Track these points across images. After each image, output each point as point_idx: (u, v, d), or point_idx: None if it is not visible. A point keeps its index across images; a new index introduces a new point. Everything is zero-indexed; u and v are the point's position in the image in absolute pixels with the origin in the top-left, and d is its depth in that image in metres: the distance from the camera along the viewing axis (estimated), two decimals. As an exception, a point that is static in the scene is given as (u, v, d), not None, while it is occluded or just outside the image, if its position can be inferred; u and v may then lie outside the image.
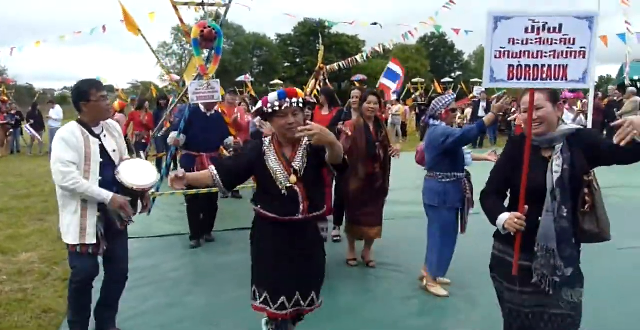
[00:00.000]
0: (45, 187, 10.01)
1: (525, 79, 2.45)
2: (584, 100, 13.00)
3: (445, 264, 4.53)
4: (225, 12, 6.68)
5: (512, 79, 2.46)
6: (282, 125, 2.89)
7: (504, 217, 2.55)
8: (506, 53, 2.44)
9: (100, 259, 3.54)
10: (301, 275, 2.98)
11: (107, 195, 3.35)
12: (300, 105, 2.89)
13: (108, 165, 3.46)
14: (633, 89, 15.68)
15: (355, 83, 21.69)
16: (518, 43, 2.42)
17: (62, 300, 4.34)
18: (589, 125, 11.13)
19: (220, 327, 3.96)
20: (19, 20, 73.26)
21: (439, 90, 23.59)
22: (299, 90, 2.94)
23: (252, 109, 10.15)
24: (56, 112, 17.20)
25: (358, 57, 17.03)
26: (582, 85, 2.49)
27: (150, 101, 12.64)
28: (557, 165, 2.56)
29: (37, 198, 8.98)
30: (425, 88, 26.58)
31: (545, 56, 2.42)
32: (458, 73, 58.61)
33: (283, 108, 2.85)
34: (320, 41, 12.40)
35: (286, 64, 55.91)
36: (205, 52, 6.21)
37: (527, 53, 2.43)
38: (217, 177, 2.97)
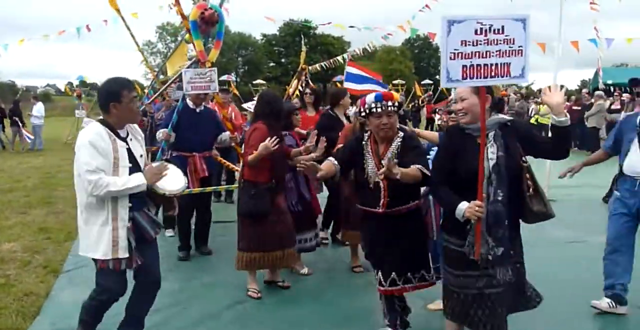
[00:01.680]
0: (27, 182, 10.17)
1: (477, 77, 2.66)
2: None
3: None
4: None
5: (466, 78, 2.65)
6: (377, 124, 3.27)
7: (463, 206, 2.74)
8: (459, 54, 2.62)
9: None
10: (394, 258, 3.35)
11: (139, 180, 3.11)
12: (395, 108, 3.24)
13: (136, 172, 3.19)
14: (600, 92, 16.19)
15: (337, 84, 21.98)
16: (469, 44, 2.62)
17: (43, 285, 4.58)
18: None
19: (189, 309, 4.20)
20: (3, 17, 72.50)
21: (419, 92, 24.01)
22: (395, 94, 3.37)
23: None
24: (38, 109, 17.22)
25: (339, 58, 17.36)
26: (521, 80, 2.81)
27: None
28: (491, 153, 2.77)
29: (19, 192, 9.13)
30: (406, 89, 26.96)
31: (492, 55, 2.66)
32: (442, 75, 59.18)
33: (379, 110, 3.23)
34: (303, 42, 12.63)
35: (271, 64, 56.15)
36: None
37: (477, 53, 2.64)
38: (337, 165, 3.38)
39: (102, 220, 3.07)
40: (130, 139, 3.27)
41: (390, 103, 3.23)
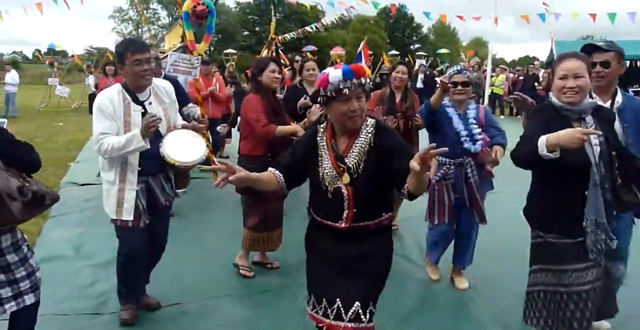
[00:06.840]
0: None
1: None
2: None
3: (430, 248, 4.28)
4: None
5: None
6: (344, 112, 2.27)
7: (545, 136, 2.32)
8: None
9: None
10: (345, 285, 2.43)
11: (132, 134, 2.98)
12: (367, 87, 2.31)
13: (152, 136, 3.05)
14: (503, 67, 17.44)
15: (308, 53, 22.56)
16: None
17: (35, 226, 5.30)
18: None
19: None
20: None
21: (387, 63, 24.74)
22: (366, 68, 2.32)
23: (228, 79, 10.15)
24: (12, 76, 17.25)
25: (308, 28, 18.03)
26: None
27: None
28: (594, 138, 2.52)
29: None
30: (372, 60, 27.59)
31: None
32: (417, 45, 59.64)
33: (347, 91, 2.23)
34: (273, 12, 13.23)
35: (245, 33, 55.86)
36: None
37: None
38: (282, 178, 2.46)
39: (111, 180, 3.12)
40: (150, 103, 3.15)
41: (362, 80, 2.25)
